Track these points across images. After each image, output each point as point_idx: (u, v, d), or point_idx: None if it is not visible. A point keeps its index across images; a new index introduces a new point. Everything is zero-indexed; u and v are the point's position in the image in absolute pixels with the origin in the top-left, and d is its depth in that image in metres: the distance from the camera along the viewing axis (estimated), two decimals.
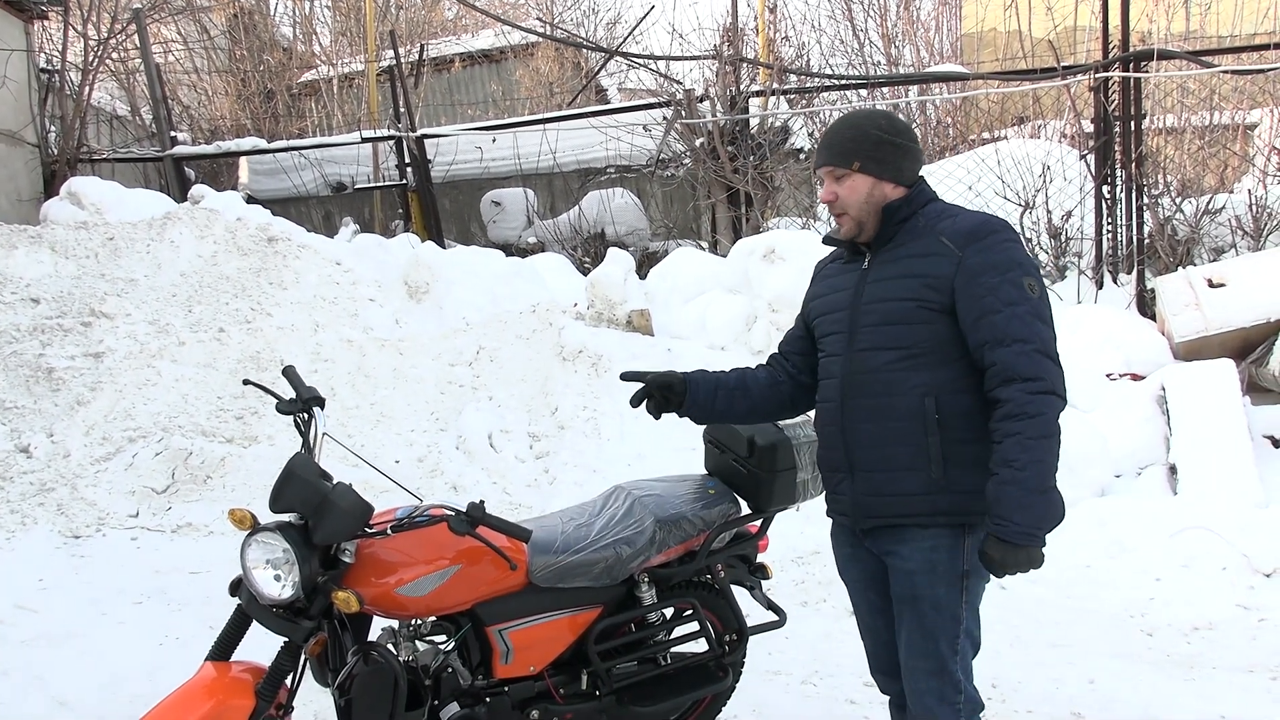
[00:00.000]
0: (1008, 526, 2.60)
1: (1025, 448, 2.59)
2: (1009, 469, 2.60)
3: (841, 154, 2.88)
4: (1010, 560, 2.61)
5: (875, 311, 2.84)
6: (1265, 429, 6.40)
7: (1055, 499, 2.62)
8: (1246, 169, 9.94)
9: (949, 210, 2.86)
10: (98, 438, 6.73)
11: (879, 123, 2.89)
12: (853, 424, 2.87)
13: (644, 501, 3.49)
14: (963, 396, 2.74)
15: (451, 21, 19.85)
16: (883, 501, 2.83)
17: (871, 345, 2.83)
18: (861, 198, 2.86)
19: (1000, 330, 2.65)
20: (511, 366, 7.68)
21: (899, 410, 2.78)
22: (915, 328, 2.77)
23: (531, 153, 12.06)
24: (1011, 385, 2.63)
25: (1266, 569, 5.19)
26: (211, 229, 8.99)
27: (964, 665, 2.83)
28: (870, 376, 2.83)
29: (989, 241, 2.72)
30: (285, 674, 2.93)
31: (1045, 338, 2.66)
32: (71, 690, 4.28)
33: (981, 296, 2.68)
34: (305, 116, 15.87)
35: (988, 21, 14.54)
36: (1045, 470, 2.60)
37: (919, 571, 2.80)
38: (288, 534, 2.85)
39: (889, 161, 2.85)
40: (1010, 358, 2.63)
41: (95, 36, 12.19)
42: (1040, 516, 2.60)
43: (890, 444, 2.80)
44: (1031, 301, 2.67)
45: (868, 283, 2.88)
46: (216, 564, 5.54)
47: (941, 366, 2.75)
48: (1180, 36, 11.90)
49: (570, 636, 3.33)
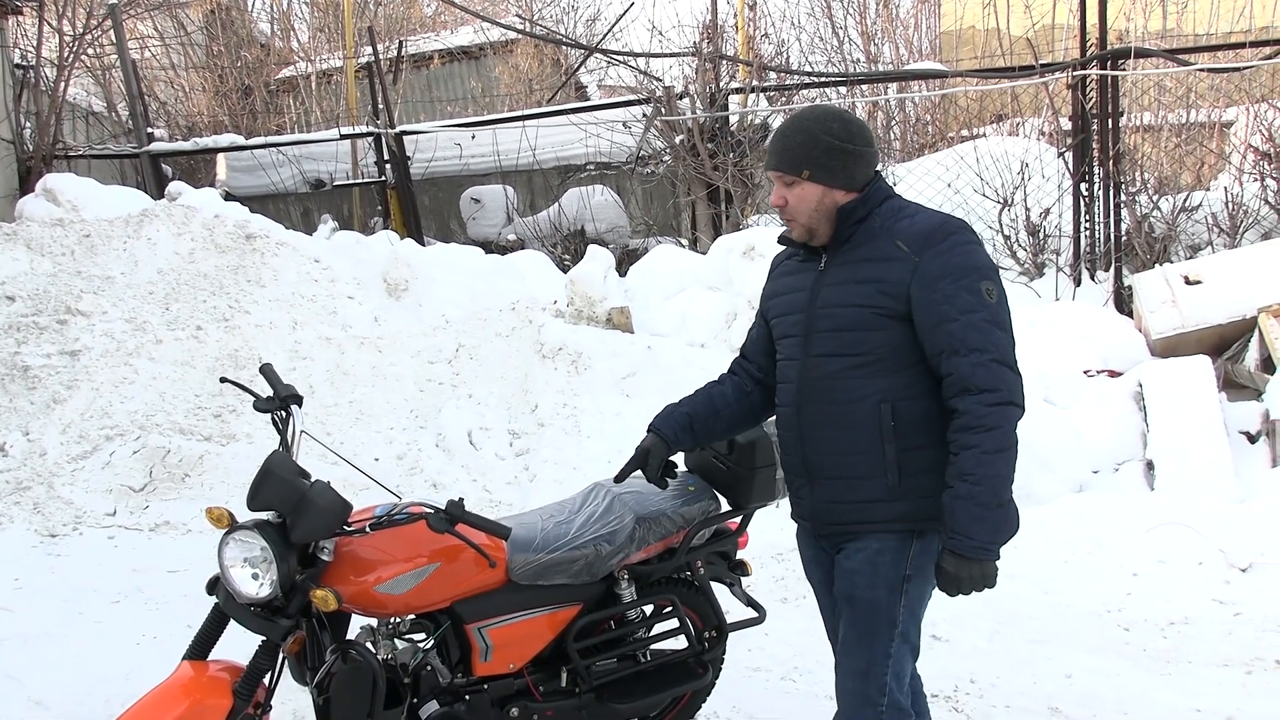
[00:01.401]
0: (962, 541, 2.58)
1: (981, 462, 2.56)
2: (964, 483, 2.57)
3: (791, 161, 2.78)
4: (964, 574, 2.60)
5: (830, 317, 2.78)
6: (1241, 425, 6.44)
7: (1010, 513, 2.62)
8: (1223, 167, 10.00)
9: (905, 209, 2.78)
10: (74, 436, 6.68)
11: (831, 127, 2.76)
12: (809, 430, 2.84)
13: (623, 499, 3.49)
14: (918, 402, 2.71)
15: (430, 18, 19.77)
16: (841, 508, 2.82)
17: (826, 351, 2.78)
18: (811, 206, 2.79)
19: (957, 339, 2.59)
20: (491, 364, 7.66)
21: (855, 417, 2.74)
22: (870, 334, 2.71)
23: (511, 149, 12.03)
24: (968, 396, 2.59)
25: (1242, 564, 5.23)
26: (189, 226, 8.94)
27: (896, 670, 2.80)
28: (825, 383, 2.79)
29: (945, 245, 2.65)
30: (263, 673, 2.92)
31: (1003, 346, 2.62)
32: (48, 690, 4.25)
33: (938, 304, 2.62)
34: (283, 113, 15.78)
35: (966, 19, 14.58)
36: (1001, 484, 2.58)
37: (859, 572, 2.79)
38: (265, 532, 2.83)
39: (840, 169, 2.76)
40: (967, 368, 2.58)
41: (71, 32, 12.09)
42: (995, 531, 2.59)
43: (847, 452, 2.77)
44: (989, 308, 2.62)
45: (824, 286, 2.82)
46: (195, 562, 5.52)
47: (897, 373, 2.71)
48: (1157, 35, 11.96)
49: (550, 634, 3.33)
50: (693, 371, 7.41)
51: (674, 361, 7.52)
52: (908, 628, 2.81)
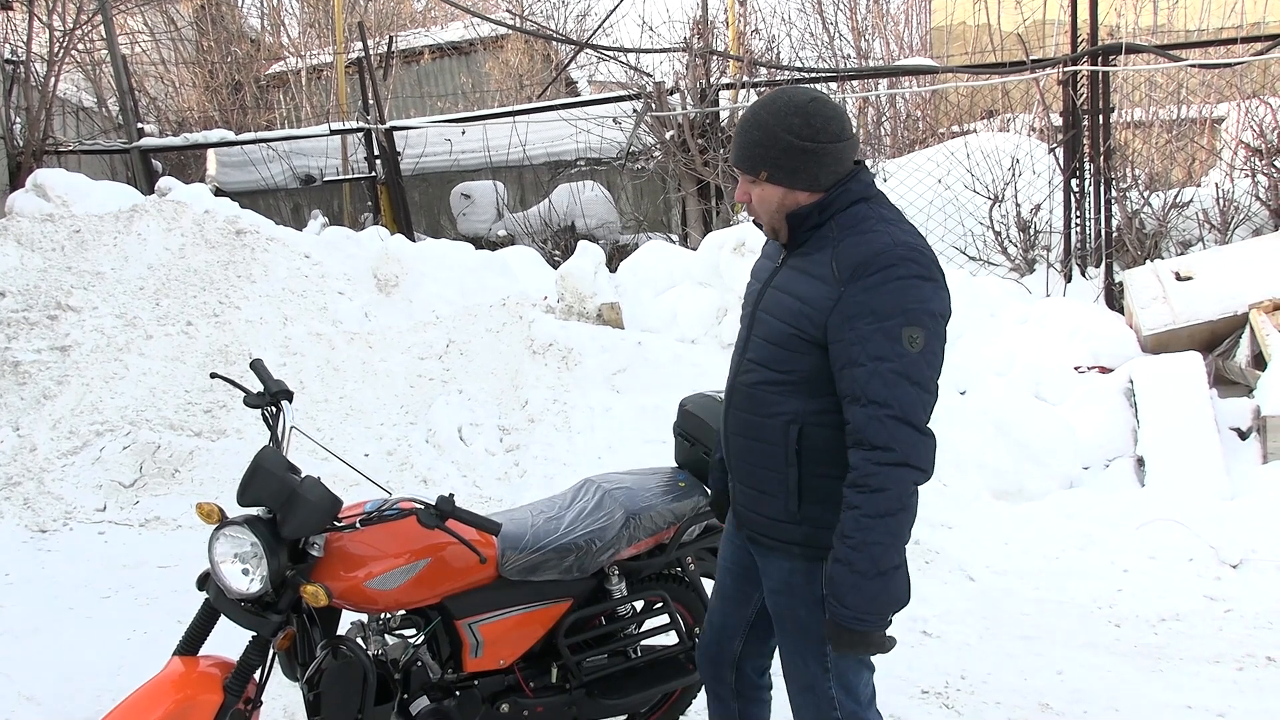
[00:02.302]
0: (839, 610, 2.44)
1: (861, 525, 2.38)
2: (843, 546, 2.42)
3: (748, 160, 2.58)
4: (846, 644, 2.46)
5: (764, 325, 2.66)
6: (1232, 421, 6.46)
7: (893, 583, 2.42)
8: (1213, 163, 10.03)
9: (863, 224, 2.51)
10: (64, 431, 6.66)
11: (791, 124, 2.49)
12: (731, 432, 2.78)
13: (614, 494, 3.49)
14: (827, 431, 2.54)
15: (420, 13, 19.75)
16: (752, 517, 2.76)
17: (754, 359, 2.68)
18: (772, 207, 2.60)
19: (859, 387, 2.39)
20: (481, 360, 7.65)
21: (766, 432, 2.64)
22: (792, 355, 2.57)
23: (501, 145, 12.01)
24: (860, 450, 2.41)
25: (1233, 560, 5.24)
26: (179, 222, 8.91)
27: (841, 683, 2.72)
28: (748, 390, 2.70)
29: (876, 278, 2.39)
30: (253, 668, 2.92)
31: (908, 401, 2.37)
32: (37, 685, 4.24)
33: (850, 344, 2.41)
34: (273, 108, 15.75)
35: (957, 15, 14.60)
36: (880, 551, 2.39)
37: (779, 592, 2.75)
38: (256, 528, 2.83)
39: (801, 171, 2.52)
40: (862, 421, 2.39)
41: (61, 27, 12.04)
42: (872, 601, 2.41)
43: (756, 464, 2.69)
44: (905, 358, 2.36)
45: (771, 286, 2.69)
46: (185, 558, 5.51)
47: (811, 398, 2.55)
48: (1148, 30, 12.00)
49: (540, 630, 3.33)
50: (683, 367, 7.41)
51: (665, 357, 7.52)
52: None
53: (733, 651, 3.03)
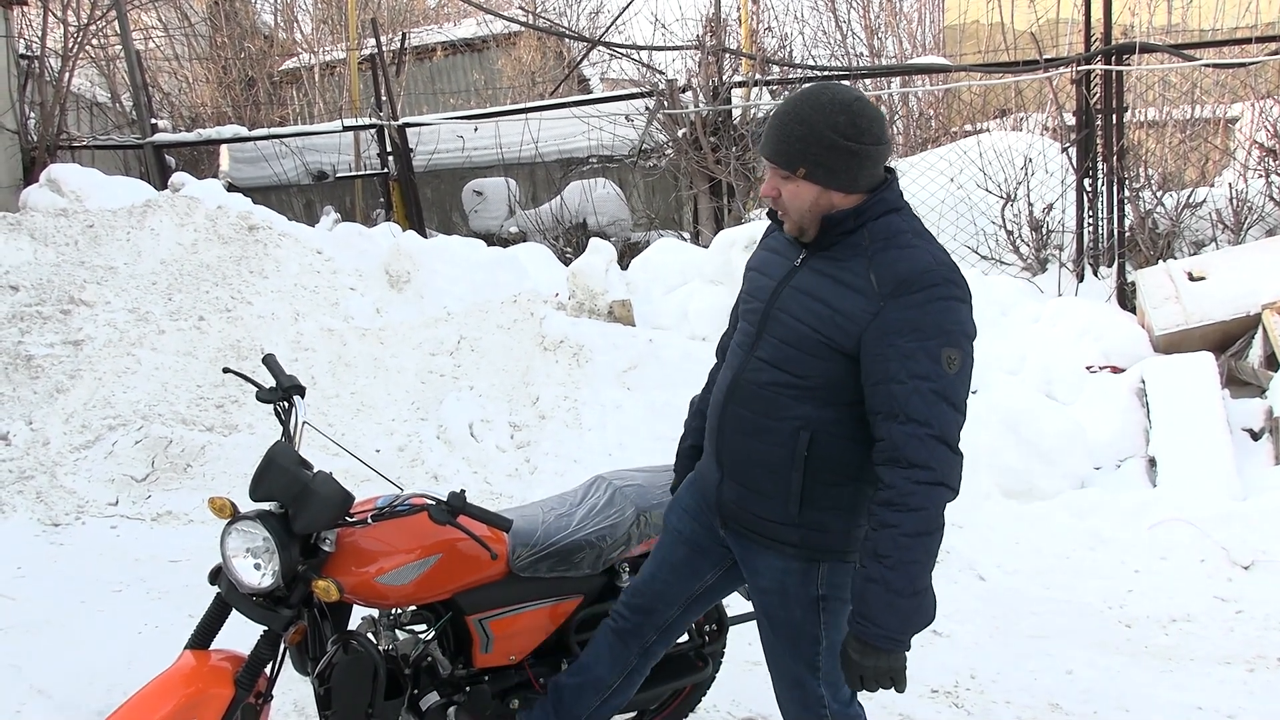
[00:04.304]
0: (870, 629, 2.41)
1: (899, 544, 2.37)
2: (879, 565, 2.39)
3: (786, 156, 2.49)
4: (869, 664, 2.43)
5: (781, 325, 2.59)
6: (1244, 422, 6.44)
7: (925, 602, 2.43)
8: (1227, 163, 9.98)
9: (899, 237, 2.49)
10: (77, 425, 6.69)
11: (835, 121, 2.43)
12: (728, 429, 2.72)
13: (625, 491, 3.49)
14: (839, 441, 2.55)
15: (434, 10, 19.78)
16: (744, 514, 2.74)
17: (767, 359, 2.62)
18: (805, 205, 2.53)
19: (898, 404, 2.37)
20: (493, 356, 7.66)
21: (772, 435, 2.60)
22: (811, 360, 2.53)
23: (513, 142, 12.02)
24: (896, 469, 2.38)
25: (1244, 561, 5.23)
26: (192, 217, 8.94)
27: (830, 681, 2.73)
28: (756, 390, 2.64)
29: (921, 296, 2.38)
30: (265, 663, 2.92)
31: (946, 422, 2.37)
32: (49, 679, 4.25)
33: (889, 359, 2.38)
34: (286, 104, 15.79)
35: (970, 14, 14.56)
36: (918, 570, 2.39)
37: (771, 592, 2.74)
38: (268, 522, 2.83)
39: (841, 170, 2.47)
40: (901, 439, 2.37)
41: (75, 23, 12.09)
42: (905, 620, 2.41)
43: (755, 463, 2.66)
44: (945, 379, 2.36)
45: (789, 285, 2.62)
46: (196, 552, 5.52)
47: (826, 406, 2.53)
48: (1162, 30, 11.95)
49: (551, 626, 3.33)
50: (694, 365, 7.41)
51: (675, 355, 7.52)
52: (834, 641, 2.70)
53: (667, 618, 3.06)
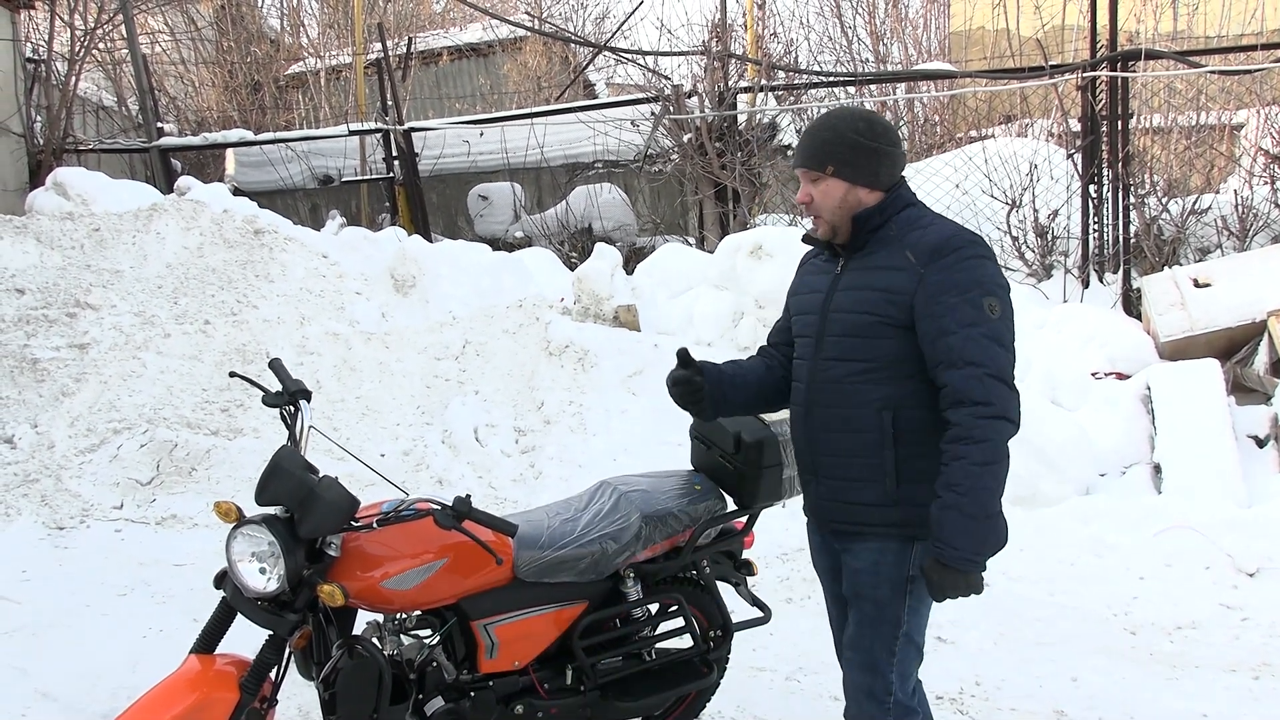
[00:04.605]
0: (947, 551, 2.61)
1: (969, 473, 2.59)
2: (952, 493, 2.60)
3: (815, 157, 2.83)
4: (949, 584, 2.64)
5: (840, 322, 2.83)
6: (1249, 429, 6.43)
7: (998, 525, 2.63)
8: (1232, 169, 9.98)
9: (921, 220, 2.81)
10: (82, 429, 6.70)
11: (857, 125, 2.81)
12: (815, 432, 2.90)
13: (630, 497, 3.49)
14: (920, 412, 2.74)
15: (439, 15, 19.81)
16: (840, 508, 2.88)
17: (834, 355, 2.83)
18: (835, 203, 2.82)
19: (954, 353, 2.62)
20: (498, 361, 7.67)
21: (857, 422, 2.79)
22: (875, 342, 2.76)
23: (519, 147, 12.03)
24: (961, 409, 2.62)
25: (1250, 568, 5.21)
26: (197, 221, 8.96)
27: (901, 670, 2.85)
28: (832, 387, 2.84)
29: (952, 259, 2.67)
30: (270, 667, 2.93)
31: (1000, 362, 2.63)
32: (54, 682, 4.26)
33: (939, 316, 2.64)
34: (292, 109, 15.82)
35: (975, 20, 14.57)
36: (989, 496, 2.61)
37: (864, 571, 2.85)
38: (273, 527, 2.84)
39: (864, 167, 2.79)
40: (961, 381, 2.61)
41: (82, 26, 12.14)
42: (981, 542, 2.61)
43: (849, 455, 2.83)
44: (989, 323, 2.63)
45: (837, 290, 2.87)
46: (201, 556, 5.53)
47: (900, 381, 2.75)
48: (1168, 36, 11.95)
49: (555, 631, 3.33)
50: None
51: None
52: (912, 629, 2.85)
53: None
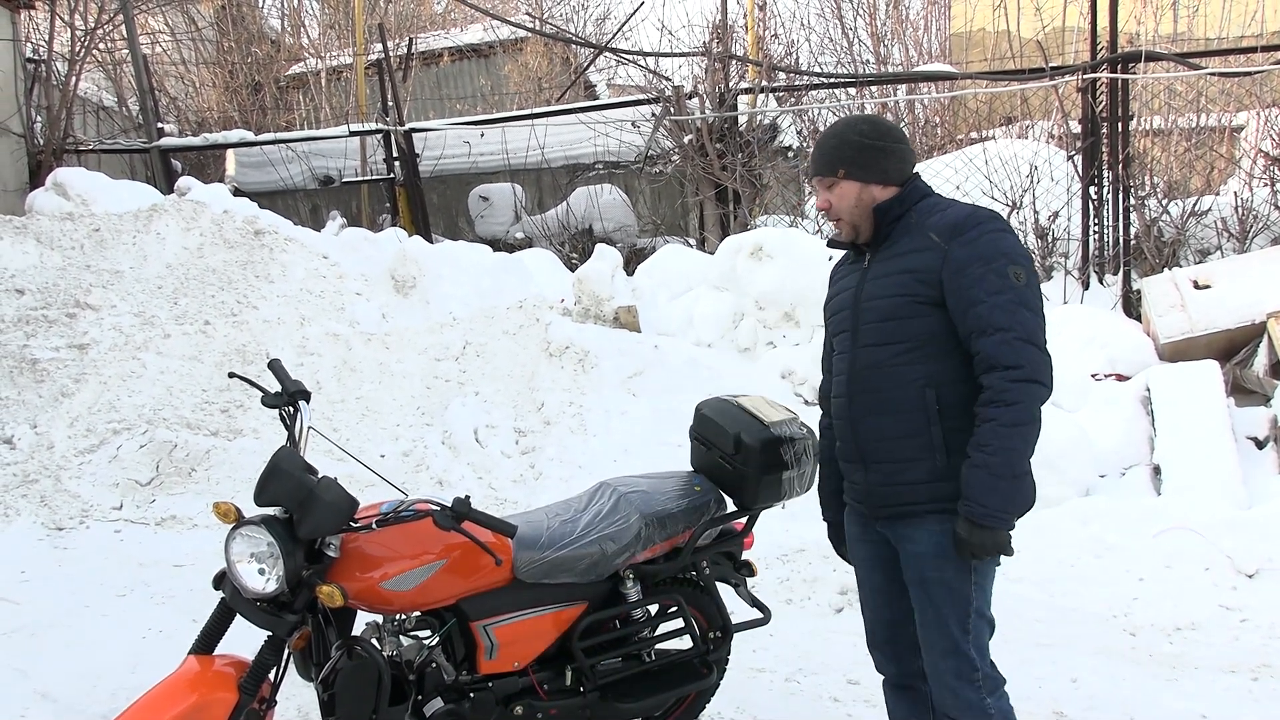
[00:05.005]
0: (975, 508, 2.69)
1: (998, 434, 2.67)
2: (981, 453, 2.69)
3: (827, 163, 2.96)
4: (977, 541, 2.71)
5: (873, 309, 2.92)
6: (1249, 430, 6.43)
7: (1025, 486, 2.73)
8: (1232, 171, 9.98)
9: (940, 204, 2.92)
10: (82, 429, 6.70)
11: (860, 128, 2.96)
12: (860, 418, 2.95)
13: (630, 498, 3.49)
14: (962, 386, 2.80)
15: (440, 15, 19.81)
16: (893, 491, 2.91)
17: (872, 341, 2.91)
18: (850, 203, 2.94)
19: (984, 320, 2.70)
20: (498, 362, 7.67)
21: (902, 403, 2.86)
22: (910, 322, 2.84)
23: (520, 148, 12.03)
24: (993, 373, 2.70)
25: (1249, 570, 5.21)
26: (198, 221, 8.96)
27: (977, 644, 2.90)
28: (873, 372, 2.91)
29: (973, 234, 2.77)
30: (269, 668, 2.93)
31: (1029, 325, 2.70)
32: (53, 683, 4.26)
33: (967, 288, 2.73)
34: (293, 109, 15.83)
35: (976, 21, 14.56)
36: (1016, 457, 2.68)
37: (928, 555, 2.88)
38: (272, 528, 2.84)
39: (872, 165, 2.92)
40: (991, 347, 2.69)
41: (82, 27, 12.14)
42: (1007, 500, 2.70)
43: (896, 437, 2.88)
44: (1016, 289, 2.71)
45: (866, 281, 2.96)
46: (201, 557, 5.53)
47: (939, 359, 2.82)
48: (1168, 38, 11.95)
49: (555, 632, 3.33)
50: (699, 371, 7.42)
51: (680, 361, 7.52)
52: (981, 604, 2.90)
53: (912, 635, 3.12)
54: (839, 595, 5.21)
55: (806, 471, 3.56)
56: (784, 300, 7.88)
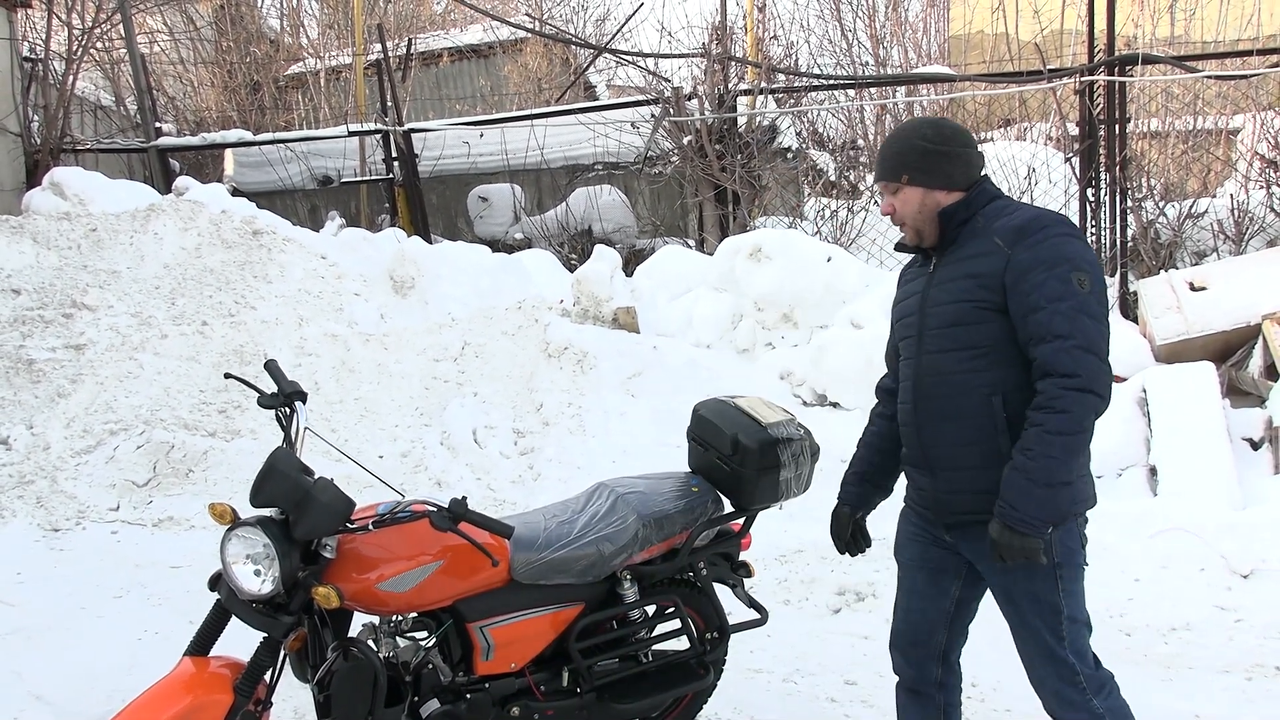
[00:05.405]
0: (1008, 511, 2.67)
1: (1042, 440, 2.63)
2: (1023, 456, 2.66)
3: (890, 169, 2.95)
4: (1006, 543, 2.68)
5: (939, 315, 2.91)
6: (1244, 431, 6.43)
7: (1060, 496, 2.67)
8: (1229, 174, 9.99)
9: (1007, 208, 2.90)
10: (78, 430, 6.70)
11: (924, 133, 2.94)
12: (926, 424, 2.95)
13: (627, 499, 3.49)
14: (1027, 393, 2.76)
15: (440, 16, 19.80)
16: (962, 499, 2.90)
17: (938, 348, 2.90)
18: (914, 208, 2.94)
19: (1043, 327, 2.67)
20: (497, 362, 7.67)
21: (968, 410, 2.84)
22: (975, 328, 2.82)
23: (519, 149, 12.03)
24: (1048, 379, 2.66)
25: (1244, 570, 5.22)
26: (195, 221, 8.96)
27: (1075, 648, 2.87)
28: (939, 379, 2.90)
29: (1037, 238, 2.73)
30: (264, 669, 2.92)
31: (1090, 333, 2.65)
32: (49, 684, 4.26)
33: (1027, 293, 2.70)
34: (292, 109, 15.82)
35: (975, 24, 14.57)
36: (1056, 465, 2.64)
37: (1011, 570, 2.85)
38: (268, 529, 2.84)
39: (936, 170, 2.90)
40: (1049, 354, 2.66)
41: (80, 25, 12.11)
42: (1040, 508, 2.65)
43: (963, 444, 2.87)
44: (1078, 297, 2.66)
45: (932, 286, 2.95)
46: (197, 558, 5.53)
47: (1006, 365, 2.79)
48: (1165, 41, 11.95)
49: (552, 633, 3.33)
50: (698, 372, 7.41)
51: (679, 362, 7.52)
52: (1073, 610, 2.87)
53: (938, 644, 3.16)
54: (836, 596, 5.21)
55: (804, 472, 3.56)
56: (783, 301, 7.88)
